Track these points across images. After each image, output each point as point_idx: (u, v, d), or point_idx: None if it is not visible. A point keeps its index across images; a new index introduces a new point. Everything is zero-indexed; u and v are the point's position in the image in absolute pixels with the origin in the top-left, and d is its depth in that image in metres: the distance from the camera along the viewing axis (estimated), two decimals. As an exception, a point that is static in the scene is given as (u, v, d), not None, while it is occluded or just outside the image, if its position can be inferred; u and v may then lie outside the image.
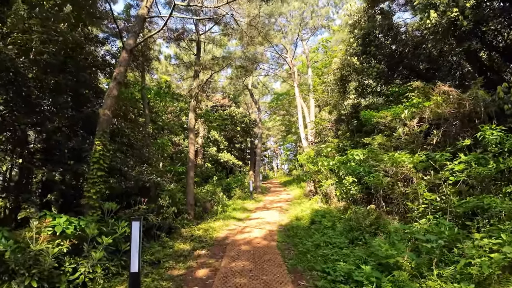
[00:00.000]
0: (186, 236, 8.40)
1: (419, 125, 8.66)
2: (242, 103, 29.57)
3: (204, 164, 22.95)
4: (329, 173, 12.02)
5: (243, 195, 17.43)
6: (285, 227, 9.49)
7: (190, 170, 11.43)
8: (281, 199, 17.28)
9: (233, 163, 25.11)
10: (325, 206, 11.26)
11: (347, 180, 9.72)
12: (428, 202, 5.92)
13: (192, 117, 12.00)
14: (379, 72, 12.36)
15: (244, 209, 13.78)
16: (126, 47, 7.34)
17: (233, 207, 13.98)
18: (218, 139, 25.06)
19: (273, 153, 60.69)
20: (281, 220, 10.70)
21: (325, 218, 8.87)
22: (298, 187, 22.09)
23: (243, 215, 12.43)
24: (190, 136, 11.82)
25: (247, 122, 27.33)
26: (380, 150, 8.90)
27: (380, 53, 12.95)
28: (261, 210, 13.56)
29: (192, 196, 11.23)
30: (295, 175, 34.71)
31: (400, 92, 10.68)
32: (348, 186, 9.74)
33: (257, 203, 15.87)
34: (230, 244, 7.63)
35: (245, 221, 10.93)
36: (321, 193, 12.02)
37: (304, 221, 9.37)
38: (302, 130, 16.57)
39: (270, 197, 18.64)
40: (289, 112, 27.13)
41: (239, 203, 15.08)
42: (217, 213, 12.38)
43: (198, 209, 11.65)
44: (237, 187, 18.33)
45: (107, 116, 6.58)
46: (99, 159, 6.30)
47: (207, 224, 10.15)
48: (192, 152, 11.64)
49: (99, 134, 6.48)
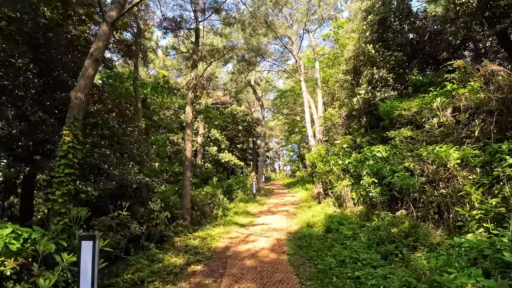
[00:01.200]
0: (179, 247, 7.09)
1: (453, 116, 7.36)
2: (244, 101, 28.32)
3: (204, 165, 21.69)
4: (342, 173, 10.73)
5: (245, 198, 16.14)
6: (295, 235, 8.18)
7: (186, 169, 10.15)
8: (286, 202, 15.96)
9: (234, 163, 23.83)
10: (339, 210, 9.95)
11: (366, 181, 8.42)
12: (486, 207, 4.60)
13: (189, 111, 10.75)
14: (397, 61, 11.08)
15: (247, 213, 12.47)
16: (107, 20, 6.10)
17: (235, 211, 12.68)
18: (219, 139, 23.81)
19: (275, 154, 59.39)
20: (289, 227, 9.39)
21: (343, 226, 7.57)
22: (303, 189, 20.76)
23: (246, 220, 11.13)
24: (187, 132, 10.56)
25: (249, 121, 26.09)
26: (409, 145, 7.60)
27: (397, 41, 11.69)
28: (265, 214, 12.25)
29: (189, 199, 9.94)
30: (298, 176, 33.34)
31: (427, 80, 9.39)
32: (367, 187, 8.43)
33: (261, 206, 14.56)
34: (232, 257, 6.33)
35: (249, 227, 9.62)
36: (333, 195, 10.71)
37: (318, 229, 8.05)
38: (309, 127, 15.27)
39: (274, 199, 17.32)
40: (293, 110, 25.84)
41: (241, 206, 13.77)
42: (217, 218, 11.09)
43: (195, 214, 10.36)
44: (238, 189, 17.03)
45: (80, 100, 5.32)
46: (67, 152, 5.03)
47: (205, 231, 8.85)
48: (189, 150, 10.37)
49: (69, 122, 5.21)
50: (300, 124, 26.67)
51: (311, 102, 15.87)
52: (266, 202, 15.99)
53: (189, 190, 10.05)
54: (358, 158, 8.96)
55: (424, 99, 8.08)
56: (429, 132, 7.47)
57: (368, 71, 11.75)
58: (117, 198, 6.93)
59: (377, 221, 6.42)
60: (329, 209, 10.21)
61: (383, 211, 7.55)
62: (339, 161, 9.29)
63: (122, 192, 7.06)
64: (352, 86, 12.23)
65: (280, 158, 59.62)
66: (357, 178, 9.90)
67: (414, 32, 11.88)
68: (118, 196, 7.17)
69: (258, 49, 14.84)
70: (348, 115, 12.93)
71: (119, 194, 7.25)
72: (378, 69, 11.50)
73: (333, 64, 13.30)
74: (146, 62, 17.54)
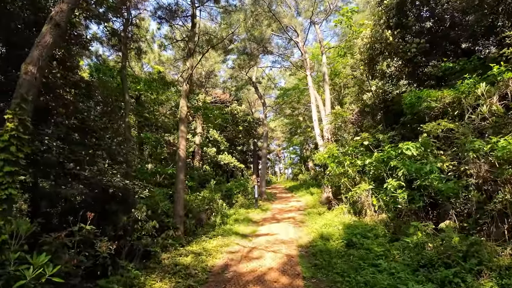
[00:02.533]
0: (167, 266, 5.72)
1: (502, 104, 6.06)
2: (244, 101, 27.04)
3: (202, 167, 20.33)
4: (357, 175, 9.40)
5: (246, 203, 14.77)
6: (308, 249, 6.82)
7: (180, 171, 8.81)
8: (291, 207, 14.58)
9: (234, 165, 22.46)
10: (356, 219, 8.60)
11: (391, 184, 7.09)
12: None
13: (183, 104, 9.43)
14: (419, 49, 9.80)
15: (249, 221, 11.10)
16: (74, -22, 4.80)
17: (235, 218, 11.31)
18: (218, 139, 22.47)
19: (276, 157, 57.99)
20: (299, 238, 8.02)
21: (368, 240, 6.21)
22: (308, 193, 19.40)
23: (248, 229, 9.76)
24: (181, 128, 9.23)
25: (249, 121, 24.80)
26: (445, 141, 6.29)
27: (415, 29, 10.44)
28: (270, 222, 10.88)
29: (182, 205, 8.58)
30: (301, 179, 31.97)
31: (458, 67, 8.11)
32: (392, 192, 7.10)
33: (264, 212, 13.19)
34: (233, 282, 4.95)
35: (252, 239, 8.25)
36: (348, 201, 9.36)
37: (336, 242, 6.68)
38: (317, 125, 13.96)
39: (278, 204, 15.95)
40: (296, 110, 24.52)
41: (243, 213, 12.40)
42: (214, 227, 9.72)
43: (190, 222, 8.98)
44: (239, 193, 15.65)
45: (31, 76, 4.00)
46: (9, 144, 3.70)
47: (200, 244, 7.48)
48: (183, 149, 9.04)
49: (14, 104, 3.89)
50: (304, 124, 25.35)
51: (318, 98, 14.57)
52: (270, 208, 14.62)
53: (183, 195, 8.70)
54: (379, 157, 7.62)
55: (462, 86, 6.77)
56: (473, 124, 6.16)
57: (385, 61, 10.47)
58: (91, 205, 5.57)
59: (420, 236, 5.05)
60: (344, 217, 8.84)
61: (417, 220, 6.22)
62: (358, 161, 7.95)
63: (98, 198, 5.71)
64: (367, 78, 10.94)
65: (281, 160, 58.24)
66: (378, 180, 8.58)
67: (434, 19, 10.65)
68: (94, 202, 5.81)
69: (261, 39, 13.57)
70: (361, 111, 11.63)
71: (95, 200, 5.90)
72: (396, 57, 10.22)
73: (345, 54, 12.00)
74: (139, 54, 16.30)
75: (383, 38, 9.90)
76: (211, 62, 19.67)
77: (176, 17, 12.91)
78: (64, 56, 10.20)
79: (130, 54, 17.40)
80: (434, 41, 10.44)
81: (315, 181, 27.10)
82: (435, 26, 10.65)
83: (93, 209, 5.00)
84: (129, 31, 12.50)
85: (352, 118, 11.76)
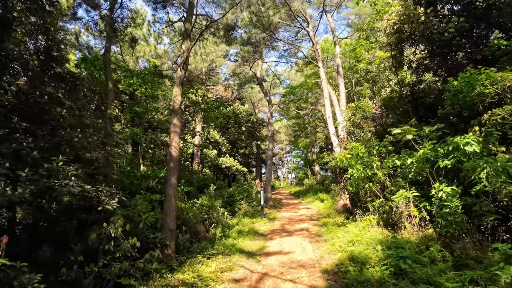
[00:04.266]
0: (145, 307, 4.05)
1: None
2: (247, 100, 25.44)
3: (201, 170, 18.68)
4: (387, 179, 7.72)
5: (250, 210, 13.07)
6: (338, 277, 5.12)
7: (171, 174, 7.16)
8: (302, 216, 12.86)
9: (237, 169, 20.79)
10: (388, 233, 6.91)
11: (443, 190, 5.43)
12: None
13: (177, 93, 7.83)
14: (458, 29, 8.18)
15: (255, 233, 9.40)
16: None
17: (239, 229, 9.63)
18: (219, 141, 20.85)
19: (279, 161, 56.24)
20: (321, 259, 6.32)
21: (424, 267, 4.52)
22: (317, 200, 17.69)
23: (254, 244, 8.06)
24: (174, 121, 7.61)
25: (253, 121, 23.19)
26: None
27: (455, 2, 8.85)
28: (279, 235, 9.17)
29: (174, 215, 6.92)
30: (307, 184, 30.24)
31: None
32: (444, 200, 5.42)
33: (272, 222, 11.47)
34: None
35: (260, 259, 6.55)
36: (378, 211, 7.66)
37: (376, 269, 4.96)
38: (331, 122, 12.30)
39: (285, 212, 14.23)
40: (304, 109, 22.85)
41: (247, 223, 10.71)
42: (214, 241, 8.04)
43: (183, 237, 7.30)
44: (242, 200, 13.95)
45: None
46: None
47: (194, 268, 5.79)
48: (176, 146, 7.40)
49: None
50: (312, 125, 23.67)
51: (331, 93, 12.94)
52: (277, 217, 12.90)
53: (175, 203, 7.03)
54: (423, 156, 5.93)
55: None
56: None
57: (414, 45, 8.86)
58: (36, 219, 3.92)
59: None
60: (374, 231, 7.13)
61: (481, 239, 4.54)
62: (397, 161, 6.26)
63: (44, 208, 4.07)
64: (395, 65, 9.32)
65: (284, 164, 56.49)
66: (417, 184, 6.90)
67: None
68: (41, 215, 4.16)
69: (268, 25, 12.00)
70: (385, 105, 9.97)
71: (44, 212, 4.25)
72: (427, 42, 8.61)
73: (367, 38, 10.37)
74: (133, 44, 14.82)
75: (414, 16, 8.29)
76: (212, 56, 18.15)
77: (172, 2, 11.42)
78: (49, 45, 9.10)
79: (123, 45, 15.96)
80: (478, 19, 8.82)
81: (322, 186, 25.36)
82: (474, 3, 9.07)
83: (34, 225, 3.38)
84: (119, 15, 11.03)
85: (376, 112, 10.10)
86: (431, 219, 6.36)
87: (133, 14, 12.33)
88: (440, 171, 6.06)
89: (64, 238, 5.18)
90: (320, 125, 22.54)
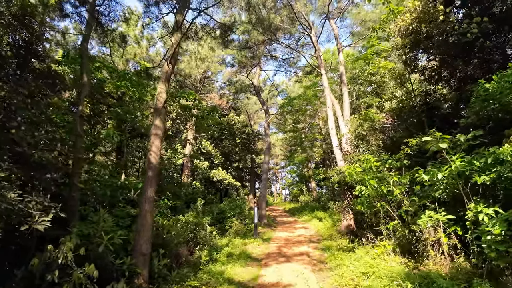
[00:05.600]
0: None
1: None
2: (243, 111, 24.46)
3: (191, 183, 17.32)
4: (405, 198, 6.59)
5: (242, 229, 11.72)
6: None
7: (149, 185, 5.93)
8: (300, 236, 11.55)
9: (229, 183, 19.47)
10: (409, 262, 5.73)
11: (478, 211, 4.35)
12: None
13: (162, 90, 6.73)
14: (481, 30, 7.37)
15: (247, 257, 8.06)
16: None
17: (228, 252, 8.30)
18: (211, 152, 19.62)
19: (273, 177, 54.82)
20: (329, 295, 5.07)
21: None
22: (314, 218, 16.41)
23: (246, 272, 6.74)
24: (156, 122, 6.46)
25: (248, 132, 22.11)
26: None
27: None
28: (276, 260, 7.85)
29: (149, 236, 5.63)
30: (302, 201, 28.88)
31: None
32: (485, 225, 4.32)
33: (266, 244, 10.13)
34: None
35: (254, 294, 5.26)
36: (396, 235, 6.48)
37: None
38: (334, 134, 11.27)
39: (282, 232, 12.88)
40: (302, 122, 21.92)
41: (238, 244, 9.36)
42: (198, 267, 6.71)
43: (160, 263, 5.96)
44: (234, 216, 12.60)
45: None
46: None
47: (168, 307, 4.48)
48: (156, 152, 6.21)
49: None
50: (311, 137, 22.67)
51: (334, 102, 12.01)
52: (272, 237, 11.56)
53: (151, 221, 5.75)
54: (456, 169, 4.84)
55: None
56: None
57: (431, 48, 8.02)
58: None
59: None
60: (391, 260, 5.93)
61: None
62: (424, 176, 5.13)
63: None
64: (408, 71, 8.43)
65: (278, 180, 55.09)
66: (442, 205, 5.77)
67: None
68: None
69: (269, 26, 11.15)
70: (397, 114, 8.98)
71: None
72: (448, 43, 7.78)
73: (379, 29, 9.34)
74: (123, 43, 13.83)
75: (432, 15, 7.49)
76: (207, 63, 17.27)
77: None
78: (29, 38, 7.74)
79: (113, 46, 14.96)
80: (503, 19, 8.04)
81: (318, 203, 24.09)
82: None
83: None
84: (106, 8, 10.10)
85: (387, 122, 9.09)
86: (464, 247, 5.23)
87: (122, 8, 11.40)
88: (475, 188, 5.00)
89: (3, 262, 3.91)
90: (320, 139, 21.55)
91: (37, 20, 11.57)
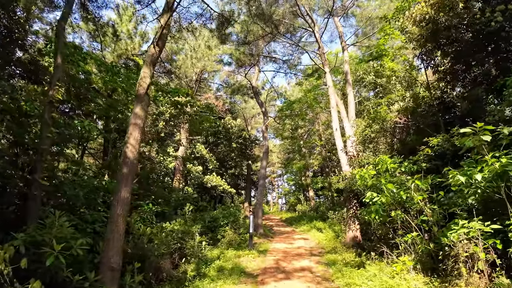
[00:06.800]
0: None
1: None
2: (240, 115, 23.57)
3: (183, 188, 16.23)
4: (426, 207, 5.64)
5: (236, 239, 10.64)
6: None
7: (123, 184, 4.93)
8: (299, 249, 10.49)
9: (224, 189, 18.40)
10: (436, 282, 4.75)
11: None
12: None
13: (146, 75, 5.82)
14: (506, 18, 6.64)
15: (241, 273, 6.99)
16: None
17: (220, 265, 7.24)
18: (206, 156, 18.59)
19: (269, 185, 53.59)
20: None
21: None
22: (314, 228, 15.35)
23: (239, 291, 5.69)
24: (136, 110, 5.51)
25: (245, 137, 21.17)
26: None
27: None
28: (274, 277, 6.79)
29: (119, 246, 4.60)
30: (300, 210, 27.77)
31: None
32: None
33: (263, 257, 9.05)
34: None
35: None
36: (416, 250, 5.50)
37: None
38: (339, 136, 10.38)
39: (279, 243, 11.79)
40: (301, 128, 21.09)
41: (231, 257, 8.29)
42: (182, 284, 5.65)
43: (134, 279, 4.89)
44: (227, 225, 11.51)
45: None
46: None
47: None
48: (133, 145, 5.23)
49: None
50: (312, 142, 21.78)
51: (339, 102, 11.19)
52: (269, 248, 10.48)
53: (123, 228, 4.72)
54: (500, 169, 3.93)
55: None
56: None
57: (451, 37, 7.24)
58: None
59: None
60: (413, 279, 4.94)
61: None
62: (460, 177, 4.18)
63: None
64: (424, 66, 7.64)
65: (275, 189, 53.86)
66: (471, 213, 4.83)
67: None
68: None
69: (271, 16, 10.36)
70: (411, 114, 8.11)
71: None
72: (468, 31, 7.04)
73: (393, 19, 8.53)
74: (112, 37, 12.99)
75: (452, 3, 6.74)
76: (204, 62, 16.47)
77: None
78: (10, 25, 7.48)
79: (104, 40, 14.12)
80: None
81: (316, 213, 23.06)
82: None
83: None
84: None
85: (400, 122, 8.21)
86: (504, 263, 4.29)
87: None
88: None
89: None
90: (319, 145, 20.65)
91: (20, 7, 10.67)
